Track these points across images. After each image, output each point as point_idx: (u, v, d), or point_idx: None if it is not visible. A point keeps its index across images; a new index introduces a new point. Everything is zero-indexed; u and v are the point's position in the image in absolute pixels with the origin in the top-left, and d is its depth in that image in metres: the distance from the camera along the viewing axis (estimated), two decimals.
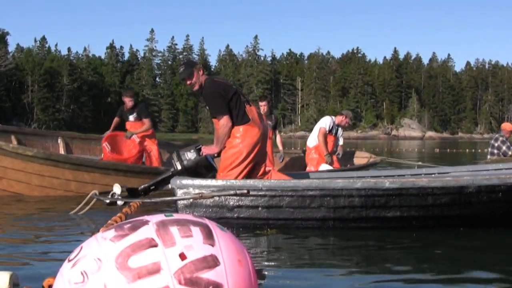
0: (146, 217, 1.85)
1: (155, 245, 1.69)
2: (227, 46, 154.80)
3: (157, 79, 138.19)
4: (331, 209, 5.95)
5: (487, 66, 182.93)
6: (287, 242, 5.62)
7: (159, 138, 12.47)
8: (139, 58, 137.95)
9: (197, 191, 5.97)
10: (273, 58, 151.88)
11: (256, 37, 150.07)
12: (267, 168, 6.94)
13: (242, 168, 6.36)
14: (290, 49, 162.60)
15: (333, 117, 11.64)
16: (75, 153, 11.71)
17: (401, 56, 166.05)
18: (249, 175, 6.40)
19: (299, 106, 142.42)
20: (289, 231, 5.91)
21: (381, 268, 4.61)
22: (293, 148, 14.72)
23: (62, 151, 11.68)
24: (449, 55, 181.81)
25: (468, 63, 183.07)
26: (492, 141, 12.86)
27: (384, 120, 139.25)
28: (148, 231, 1.74)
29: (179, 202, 6.05)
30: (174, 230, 1.73)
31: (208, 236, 1.71)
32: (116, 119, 11.43)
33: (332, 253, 5.23)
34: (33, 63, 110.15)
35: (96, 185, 8.36)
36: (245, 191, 5.84)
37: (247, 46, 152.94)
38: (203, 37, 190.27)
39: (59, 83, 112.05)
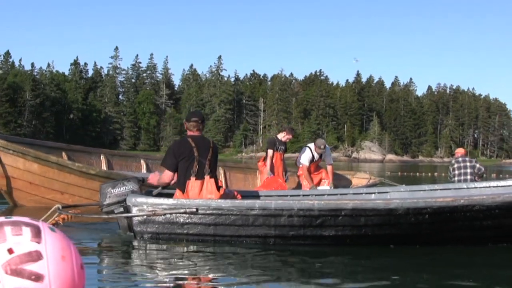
0: None
1: None
2: (191, 66, 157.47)
3: (120, 96, 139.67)
4: (272, 227, 6.45)
5: (448, 90, 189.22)
6: (231, 257, 6.09)
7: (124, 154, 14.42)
8: (103, 75, 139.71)
9: (150, 208, 6.51)
10: (237, 78, 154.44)
11: (220, 57, 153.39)
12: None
13: None
14: (253, 70, 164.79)
15: (311, 145, 12.12)
16: (115, 169, 12.59)
17: (364, 79, 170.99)
18: None
19: (261, 127, 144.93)
20: (234, 247, 6.44)
21: (314, 282, 5.10)
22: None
23: (104, 167, 12.53)
24: (411, 79, 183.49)
25: (429, 88, 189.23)
26: (466, 163, 13.32)
27: (345, 143, 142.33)
28: None
29: (134, 218, 6.60)
30: (7, 229, 1.96)
31: (36, 235, 1.91)
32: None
33: (271, 268, 5.73)
34: None
35: None
36: (194, 209, 6.39)
37: (211, 66, 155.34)
38: (167, 56, 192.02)
39: (21, 98, 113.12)
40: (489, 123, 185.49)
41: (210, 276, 5.39)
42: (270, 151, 11.85)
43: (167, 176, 7.23)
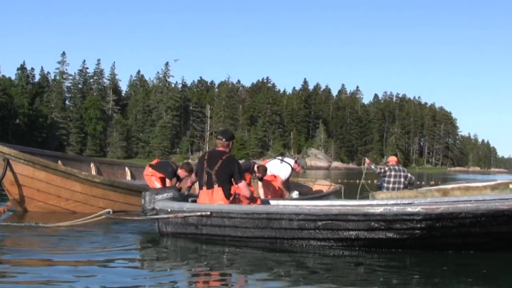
0: None
1: None
2: (138, 72, 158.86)
3: (67, 102, 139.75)
4: (275, 229, 7.36)
5: (394, 99, 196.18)
6: (239, 255, 6.99)
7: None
8: (50, 81, 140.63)
9: (173, 212, 7.78)
10: (184, 85, 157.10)
11: (167, 63, 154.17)
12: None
13: None
14: (201, 77, 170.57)
15: (291, 162, 13.16)
16: (104, 176, 12.74)
17: (311, 87, 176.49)
18: None
19: (208, 133, 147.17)
20: (242, 246, 7.39)
21: (311, 279, 5.82)
22: None
23: (94, 173, 13.02)
24: (357, 87, 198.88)
25: (376, 96, 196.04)
26: (400, 173, 14.01)
27: (291, 150, 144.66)
28: None
29: (160, 219, 7.90)
30: None
31: None
32: None
33: (275, 265, 6.46)
34: None
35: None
36: (209, 213, 7.52)
37: (158, 72, 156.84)
38: (114, 62, 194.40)
39: None
40: (434, 131, 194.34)
41: (219, 272, 6.17)
42: None
43: (191, 177, 9.56)
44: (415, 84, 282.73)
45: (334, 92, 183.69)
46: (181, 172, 12.22)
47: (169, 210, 7.83)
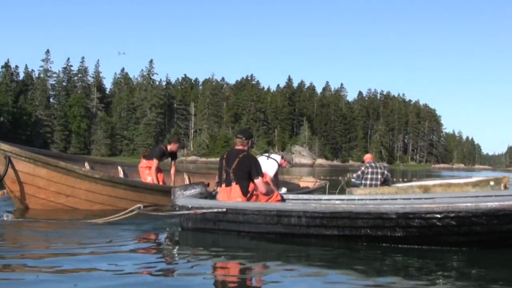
0: None
1: None
2: (123, 69, 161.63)
3: (51, 99, 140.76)
4: (285, 226, 7.73)
5: (378, 96, 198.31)
6: (252, 249, 7.43)
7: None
8: (34, 78, 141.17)
9: (192, 208, 8.28)
10: (168, 82, 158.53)
11: (151, 61, 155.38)
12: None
13: None
14: (185, 74, 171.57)
15: (277, 157, 12.78)
16: None
17: (295, 84, 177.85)
18: None
19: (192, 131, 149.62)
20: (256, 240, 7.78)
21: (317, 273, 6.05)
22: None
23: None
24: (342, 84, 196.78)
25: (360, 93, 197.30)
26: (377, 169, 14.41)
27: (275, 147, 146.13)
28: None
29: (181, 215, 8.46)
30: None
31: None
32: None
33: (285, 259, 6.77)
34: None
35: (143, 203, 9.82)
36: (224, 210, 8.03)
37: (142, 70, 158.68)
38: (98, 60, 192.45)
39: None
40: (418, 128, 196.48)
41: (232, 264, 6.56)
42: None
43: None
44: (399, 81, 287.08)
45: (319, 89, 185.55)
46: (172, 147, 12.95)
47: (190, 206, 8.33)
